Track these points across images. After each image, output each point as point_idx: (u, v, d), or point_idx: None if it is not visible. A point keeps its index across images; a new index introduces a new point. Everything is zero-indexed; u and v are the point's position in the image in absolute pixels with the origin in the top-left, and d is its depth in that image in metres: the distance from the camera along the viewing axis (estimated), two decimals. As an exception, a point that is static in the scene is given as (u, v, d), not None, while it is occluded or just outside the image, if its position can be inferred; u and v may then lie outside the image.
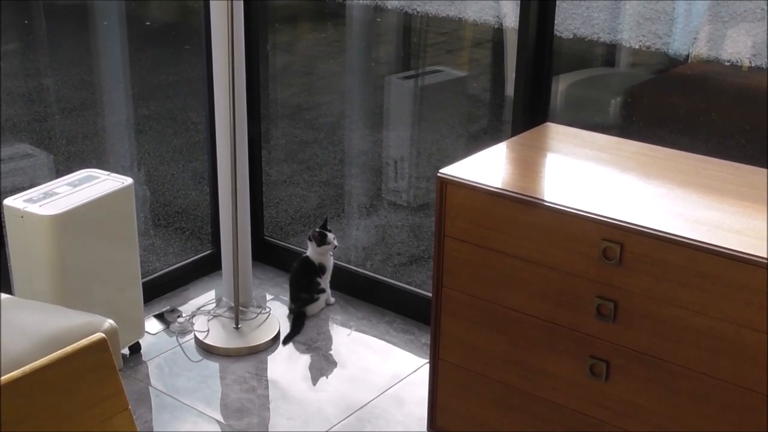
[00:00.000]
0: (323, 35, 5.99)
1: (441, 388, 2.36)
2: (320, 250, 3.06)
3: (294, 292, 3.12)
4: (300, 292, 3.10)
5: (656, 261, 1.88)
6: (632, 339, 1.97)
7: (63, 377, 1.09)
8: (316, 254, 3.08)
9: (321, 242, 3.05)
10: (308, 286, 3.09)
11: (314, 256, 3.09)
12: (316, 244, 3.06)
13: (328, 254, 3.10)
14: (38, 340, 1.95)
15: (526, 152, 2.33)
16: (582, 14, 4.16)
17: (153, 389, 2.73)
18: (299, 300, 3.10)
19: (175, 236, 3.83)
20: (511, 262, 2.11)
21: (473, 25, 5.00)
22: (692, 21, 3.82)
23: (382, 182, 4.41)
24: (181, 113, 5.28)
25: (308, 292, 3.09)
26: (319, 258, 3.09)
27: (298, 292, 3.10)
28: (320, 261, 3.09)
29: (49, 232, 2.51)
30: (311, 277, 3.09)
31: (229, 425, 2.58)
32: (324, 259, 3.10)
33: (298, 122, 4.98)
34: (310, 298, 3.10)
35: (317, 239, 3.05)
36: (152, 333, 3.01)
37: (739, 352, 1.83)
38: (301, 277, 3.10)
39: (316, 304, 3.12)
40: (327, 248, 3.07)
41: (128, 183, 2.72)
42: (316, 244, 3.06)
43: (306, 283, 3.09)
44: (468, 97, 4.99)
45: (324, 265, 3.10)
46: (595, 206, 1.98)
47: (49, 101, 5.48)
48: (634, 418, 2.03)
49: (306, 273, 3.10)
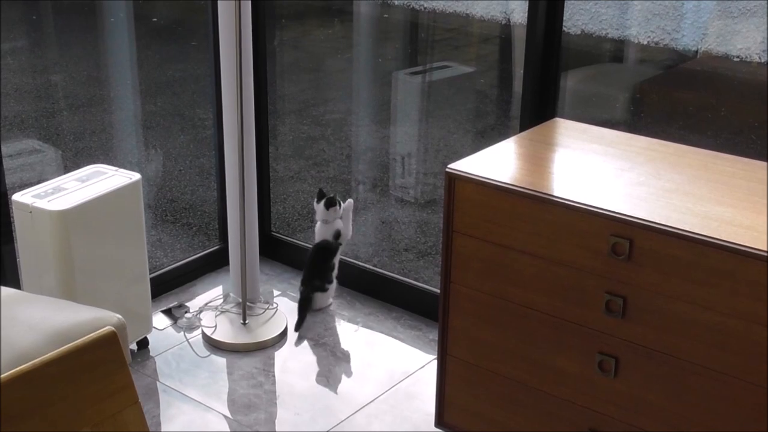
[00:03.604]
0: (330, 31, 6.00)
1: (449, 384, 2.36)
2: (326, 216, 3.03)
3: (307, 275, 3.09)
4: (313, 277, 3.08)
5: (665, 257, 1.88)
6: (641, 335, 1.97)
7: (73, 370, 1.09)
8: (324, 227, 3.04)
9: (329, 203, 3.01)
10: (322, 273, 3.08)
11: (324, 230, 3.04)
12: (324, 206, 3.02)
13: (337, 217, 3.05)
14: (47, 334, 1.96)
15: (535, 148, 2.32)
16: (590, 10, 4.15)
17: (160, 384, 2.74)
18: (310, 285, 3.08)
19: (182, 232, 3.84)
20: (519, 258, 2.11)
21: (481, 21, 4.99)
22: (701, 17, 3.81)
23: (390, 178, 4.41)
24: (188, 109, 5.29)
25: (321, 279, 3.08)
26: (330, 228, 3.04)
27: (312, 277, 3.08)
28: (336, 229, 3.05)
29: (57, 228, 2.52)
30: (327, 263, 3.07)
31: (236, 420, 2.59)
32: (337, 225, 3.05)
33: (305, 118, 4.98)
34: (321, 285, 3.08)
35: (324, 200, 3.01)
36: (160, 328, 3.01)
37: (748, 347, 1.83)
38: (318, 263, 3.08)
39: (324, 296, 3.11)
40: (335, 211, 3.03)
41: (136, 178, 2.72)
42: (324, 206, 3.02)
43: (321, 269, 3.07)
44: (476, 93, 4.98)
45: (340, 231, 3.06)
46: (604, 202, 1.98)
47: (57, 97, 5.49)
48: (642, 414, 2.03)
49: (323, 258, 3.07)
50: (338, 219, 3.06)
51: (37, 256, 2.58)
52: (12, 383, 1.03)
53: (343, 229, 3.08)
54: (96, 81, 5.75)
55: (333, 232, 3.06)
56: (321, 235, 3.08)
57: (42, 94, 5.55)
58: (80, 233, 2.56)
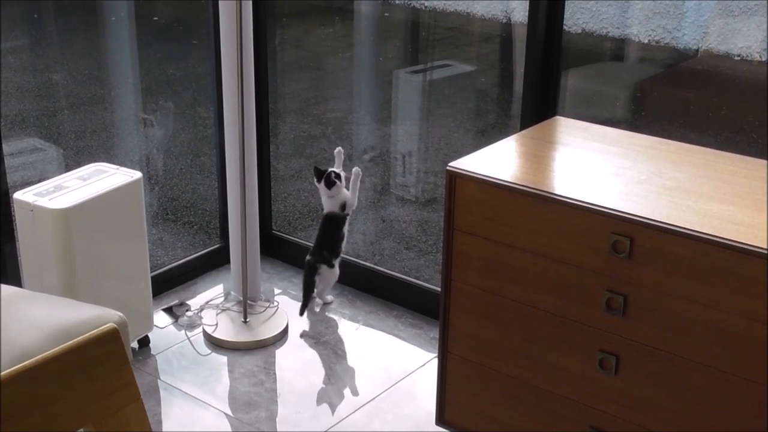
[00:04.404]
0: (331, 30, 5.99)
1: (449, 382, 2.36)
2: (330, 192, 3.00)
3: (317, 246, 3.06)
4: (322, 248, 3.05)
5: (666, 255, 1.88)
6: (642, 333, 1.97)
7: (74, 368, 1.09)
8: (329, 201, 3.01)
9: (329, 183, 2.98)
10: (331, 244, 3.05)
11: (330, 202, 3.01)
12: (325, 186, 2.99)
13: (342, 191, 3.01)
14: (48, 332, 1.96)
15: (536, 146, 2.32)
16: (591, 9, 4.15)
17: (162, 382, 2.74)
18: (320, 255, 3.05)
19: (183, 230, 3.84)
20: (520, 256, 2.11)
21: (481, 20, 4.99)
22: (702, 15, 3.81)
23: (391, 177, 4.41)
24: (189, 108, 5.29)
25: (329, 250, 3.05)
26: (336, 201, 3.01)
27: (321, 248, 3.05)
28: (342, 200, 3.01)
29: (58, 226, 2.52)
30: (336, 234, 3.04)
31: (237, 418, 2.59)
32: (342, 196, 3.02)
33: (306, 117, 4.98)
34: (329, 258, 3.05)
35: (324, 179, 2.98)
36: (161, 327, 3.01)
37: (749, 346, 1.83)
38: (327, 233, 3.05)
39: (329, 276, 3.07)
40: (338, 187, 2.99)
41: (137, 177, 2.73)
42: (325, 186, 2.99)
43: (330, 240, 3.04)
44: (476, 92, 4.98)
45: (346, 202, 3.02)
46: (604, 200, 1.98)
47: (58, 96, 5.50)
48: (643, 412, 2.03)
49: (331, 229, 3.04)
50: (343, 190, 3.02)
51: (38, 255, 2.58)
52: (13, 381, 1.04)
53: (349, 199, 3.03)
54: (97, 79, 5.75)
55: (339, 204, 3.02)
56: (328, 206, 3.04)
57: (43, 92, 5.55)
58: (81, 231, 2.57)
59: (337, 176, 3.00)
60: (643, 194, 2.01)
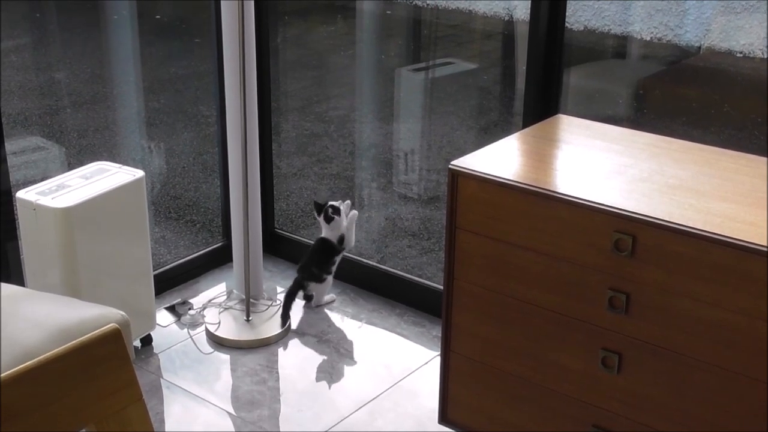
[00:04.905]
0: (333, 28, 5.99)
1: (452, 381, 2.36)
2: (330, 226, 3.03)
3: (306, 262, 3.08)
4: (312, 265, 3.06)
5: (669, 253, 1.88)
6: (645, 331, 1.97)
7: (76, 368, 1.09)
8: (328, 231, 3.04)
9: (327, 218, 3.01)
10: (322, 264, 3.06)
11: (329, 233, 3.04)
12: (324, 221, 3.02)
13: (342, 225, 3.04)
14: (51, 331, 1.96)
15: (538, 144, 2.32)
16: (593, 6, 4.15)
17: (164, 381, 2.74)
18: (308, 271, 3.06)
19: (186, 229, 3.84)
20: (522, 254, 2.11)
21: (483, 18, 4.99)
22: (704, 12, 3.80)
23: (393, 175, 4.41)
24: (192, 106, 5.29)
25: (318, 268, 3.06)
26: (335, 233, 3.04)
27: (310, 264, 3.06)
28: (340, 233, 3.04)
29: (61, 225, 2.52)
30: (329, 258, 3.06)
31: (240, 417, 2.59)
32: (341, 230, 3.04)
33: (308, 115, 4.99)
34: (318, 275, 3.07)
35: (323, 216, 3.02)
36: (163, 325, 3.02)
37: (752, 344, 1.82)
38: (320, 254, 3.07)
39: (320, 289, 3.09)
40: (337, 220, 3.02)
41: (140, 175, 2.73)
42: (324, 221, 3.02)
43: (321, 261, 3.06)
44: (479, 90, 4.98)
45: (344, 237, 3.05)
46: (607, 198, 1.98)
47: (60, 95, 5.50)
48: (646, 411, 2.03)
49: (325, 253, 3.06)
50: (343, 224, 3.05)
51: (41, 254, 2.58)
52: (15, 381, 1.04)
53: (346, 235, 3.06)
54: (99, 78, 5.76)
55: (338, 236, 3.05)
56: (326, 234, 3.07)
57: (45, 91, 5.55)
58: (84, 230, 2.57)
59: (335, 211, 3.03)
60: (646, 192, 2.01)
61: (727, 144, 2.53)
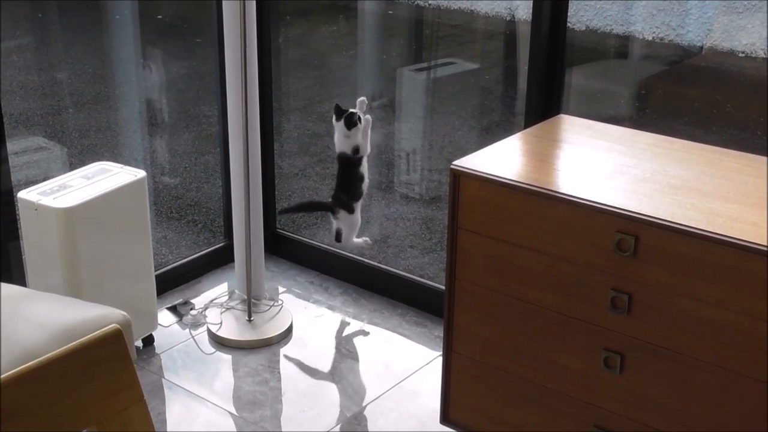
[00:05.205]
0: (335, 28, 5.99)
1: (454, 381, 2.36)
2: (348, 132, 2.84)
3: (336, 189, 2.95)
4: (341, 191, 2.94)
5: (671, 253, 1.87)
6: (647, 331, 1.97)
7: (77, 368, 1.09)
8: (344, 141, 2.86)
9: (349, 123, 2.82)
10: (349, 185, 2.92)
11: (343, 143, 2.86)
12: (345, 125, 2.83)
13: (358, 134, 2.86)
14: (53, 331, 1.96)
15: (540, 144, 2.32)
16: (595, 6, 4.15)
17: (166, 381, 2.74)
18: (338, 199, 2.94)
19: (187, 229, 3.84)
20: (524, 255, 2.10)
21: (485, 18, 4.99)
22: (706, 12, 3.80)
23: (395, 174, 4.41)
24: (193, 106, 5.29)
25: (347, 193, 2.93)
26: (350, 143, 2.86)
27: (340, 191, 2.94)
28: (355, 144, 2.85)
29: (62, 225, 2.52)
30: (352, 174, 2.90)
31: (241, 417, 2.59)
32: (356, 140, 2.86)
33: (310, 115, 4.98)
34: (348, 202, 2.93)
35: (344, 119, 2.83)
36: (165, 325, 3.02)
37: (754, 344, 1.82)
38: (344, 175, 2.92)
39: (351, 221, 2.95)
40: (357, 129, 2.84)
41: (141, 176, 2.73)
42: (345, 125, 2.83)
43: (347, 181, 2.92)
44: (480, 89, 4.98)
45: (359, 146, 2.87)
46: (609, 198, 1.98)
47: (62, 95, 5.50)
48: (648, 411, 2.02)
49: (346, 169, 2.91)
50: (358, 134, 2.87)
51: (42, 254, 2.58)
52: (16, 381, 1.04)
53: (361, 144, 2.89)
54: (101, 78, 5.76)
55: (352, 147, 2.88)
56: (340, 147, 2.91)
57: (47, 91, 5.56)
58: (86, 230, 2.57)
59: (359, 118, 2.85)
60: (648, 192, 2.01)
61: (730, 144, 2.53)
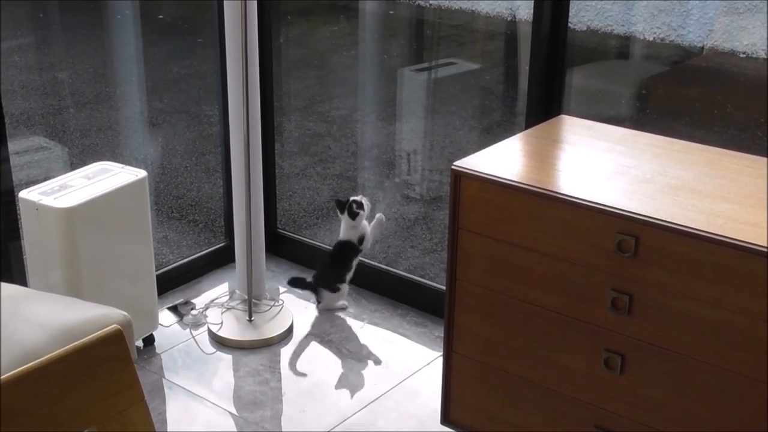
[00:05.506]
0: (336, 28, 5.99)
1: (454, 381, 2.36)
2: (354, 223, 2.99)
3: (321, 271, 3.08)
4: (326, 273, 3.06)
5: (671, 254, 1.87)
6: (647, 332, 1.97)
7: (78, 369, 1.09)
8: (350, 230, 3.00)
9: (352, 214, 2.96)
10: (338, 271, 3.05)
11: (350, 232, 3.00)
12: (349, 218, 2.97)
13: (362, 223, 3.00)
14: (53, 331, 1.96)
15: (540, 145, 2.32)
16: (596, 6, 4.15)
17: (166, 381, 2.74)
18: (322, 280, 3.07)
19: (188, 229, 3.84)
20: (525, 255, 2.11)
21: (486, 18, 4.98)
22: (707, 13, 3.80)
23: (395, 175, 4.41)
24: (194, 106, 5.29)
25: (334, 277, 3.06)
26: (357, 232, 3.00)
27: (325, 272, 3.07)
28: (362, 233, 3.01)
29: (63, 225, 2.52)
30: (347, 263, 3.04)
31: (242, 417, 2.59)
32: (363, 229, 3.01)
33: (311, 115, 4.98)
34: (332, 284, 3.06)
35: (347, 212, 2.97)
36: (166, 325, 3.02)
37: (754, 344, 1.82)
38: (338, 260, 3.05)
39: (332, 297, 3.10)
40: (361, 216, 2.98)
41: (142, 175, 2.73)
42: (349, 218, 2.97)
43: (338, 267, 3.05)
44: (481, 90, 4.98)
45: (365, 236, 3.02)
46: (609, 199, 1.98)
47: (63, 94, 5.50)
48: (649, 411, 2.02)
49: (344, 257, 3.04)
50: (365, 222, 3.02)
51: (43, 254, 2.58)
52: (17, 382, 1.04)
53: (368, 235, 3.04)
54: (102, 78, 5.76)
55: (359, 235, 3.02)
56: (346, 234, 3.03)
57: (48, 91, 5.56)
58: (86, 230, 2.57)
59: (359, 206, 2.99)
60: (648, 193, 2.01)
61: (730, 145, 2.53)
